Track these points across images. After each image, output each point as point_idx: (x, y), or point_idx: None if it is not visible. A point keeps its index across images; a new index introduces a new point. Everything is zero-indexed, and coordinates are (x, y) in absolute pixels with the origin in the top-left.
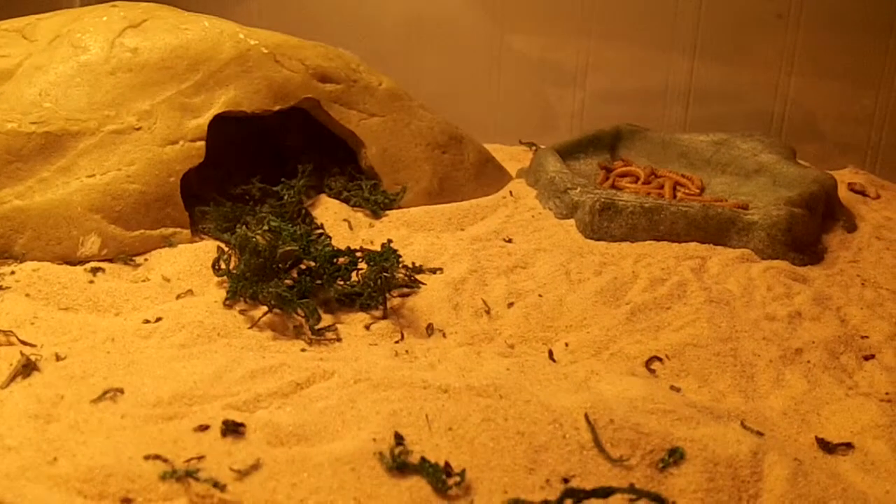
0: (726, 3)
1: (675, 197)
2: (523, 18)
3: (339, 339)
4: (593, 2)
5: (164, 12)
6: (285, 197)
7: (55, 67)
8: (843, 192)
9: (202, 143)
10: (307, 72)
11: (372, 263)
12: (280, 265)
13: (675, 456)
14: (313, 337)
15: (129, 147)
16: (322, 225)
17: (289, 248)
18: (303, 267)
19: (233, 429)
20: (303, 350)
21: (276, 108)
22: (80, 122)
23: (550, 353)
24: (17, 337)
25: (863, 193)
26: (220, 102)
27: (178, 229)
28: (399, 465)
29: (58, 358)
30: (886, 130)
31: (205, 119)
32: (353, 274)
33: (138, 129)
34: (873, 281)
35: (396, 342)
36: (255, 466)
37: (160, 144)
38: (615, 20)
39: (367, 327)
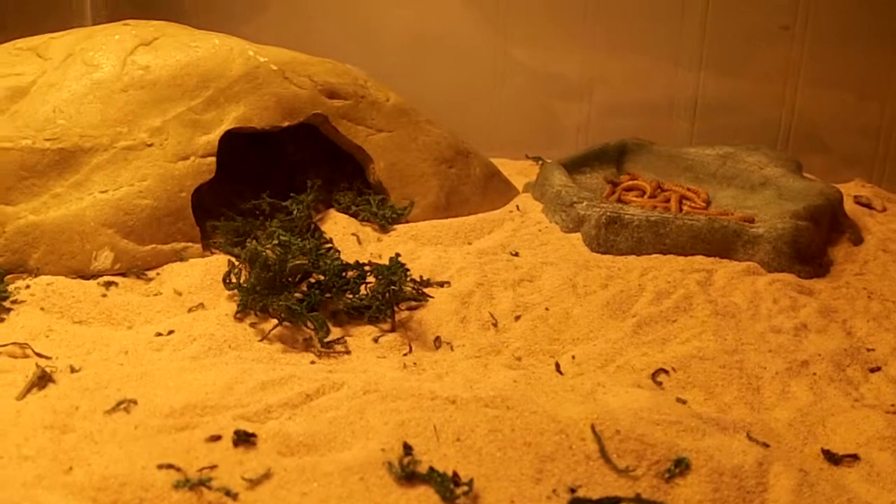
0: (732, 15)
1: (681, 210)
2: (528, 32)
3: (347, 352)
4: (598, 15)
5: (174, 30)
6: (294, 212)
7: (68, 85)
8: (849, 205)
9: (213, 159)
10: (315, 88)
11: (380, 277)
12: (290, 279)
13: (680, 466)
14: (322, 349)
15: (141, 163)
16: (331, 239)
17: (298, 261)
18: (312, 280)
19: (244, 439)
20: (312, 362)
21: (285, 123)
22: (93, 138)
23: (557, 366)
24: (32, 349)
25: (869, 206)
26: (230, 119)
27: (190, 244)
28: (407, 474)
29: (72, 370)
30: (893, 143)
31: (215, 135)
32: (362, 287)
33: (150, 145)
34: (879, 293)
35: (405, 355)
36: (267, 475)
37: (171, 160)
38: (620, 33)
39: (376, 340)
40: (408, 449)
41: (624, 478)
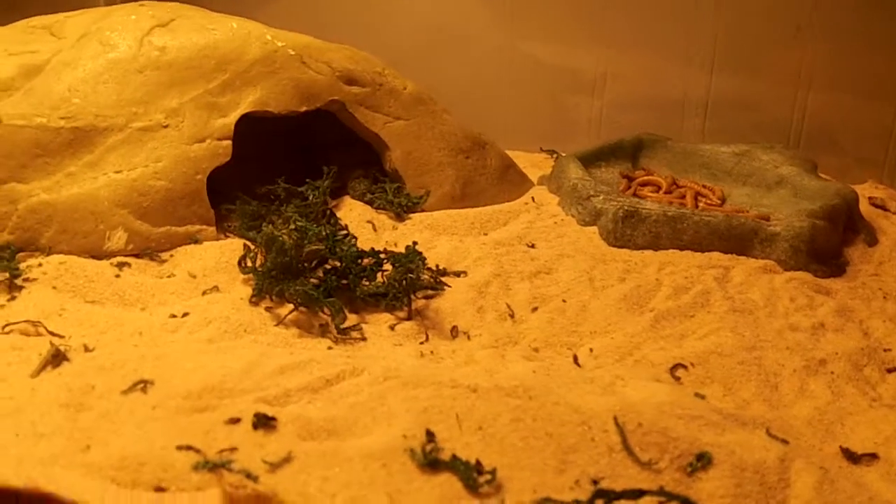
0: (745, 15)
1: (696, 207)
2: (542, 27)
3: (364, 339)
4: (612, 12)
5: (191, 12)
6: (310, 197)
7: (84, 64)
8: (863, 206)
9: (229, 143)
10: (333, 74)
11: (397, 265)
12: (306, 264)
13: (703, 460)
14: (339, 335)
15: (156, 144)
16: (346, 226)
17: (315, 247)
18: (328, 266)
19: (264, 422)
20: (329, 348)
21: (303, 109)
22: (108, 118)
23: (575, 358)
24: (45, 327)
25: (883, 208)
26: (247, 102)
27: (204, 227)
28: (430, 461)
29: (86, 349)
30: None
31: (231, 118)
32: (378, 275)
33: (166, 126)
34: (895, 294)
35: (421, 343)
36: (287, 459)
37: (187, 142)
38: (633, 30)
39: (392, 328)
40: (430, 436)
41: (647, 471)
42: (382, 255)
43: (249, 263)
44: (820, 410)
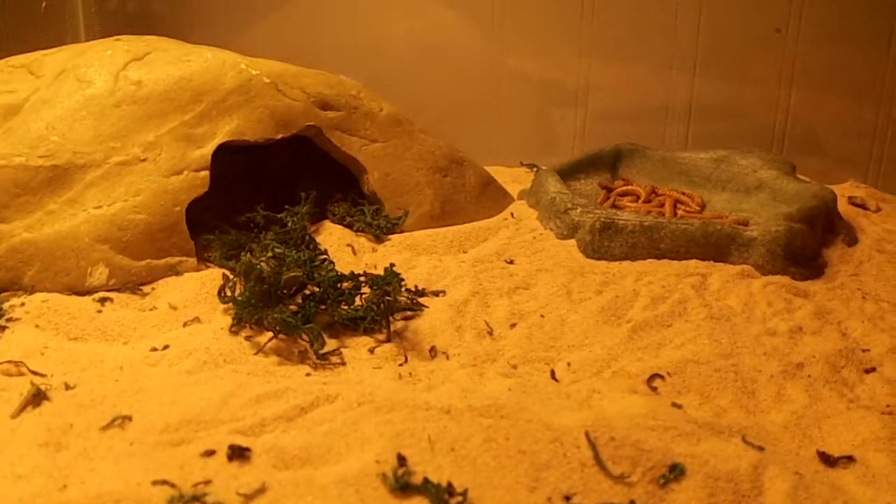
0: (725, 19)
1: (675, 215)
2: (523, 40)
3: (343, 363)
4: (593, 22)
5: (167, 45)
6: (289, 224)
7: (61, 102)
8: (843, 206)
9: (206, 173)
10: (308, 100)
11: (375, 287)
12: (284, 291)
13: (675, 472)
14: (318, 361)
15: (134, 178)
16: (326, 250)
17: (293, 273)
18: (307, 292)
19: (239, 453)
20: (308, 374)
21: (279, 136)
22: (86, 154)
23: (553, 373)
24: (27, 367)
25: (863, 207)
26: (223, 132)
27: (184, 258)
28: (402, 485)
29: (67, 387)
30: (887, 144)
31: (208, 149)
32: (357, 298)
33: (143, 160)
34: (874, 294)
35: (400, 365)
36: (261, 490)
37: (165, 175)
38: (615, 40)
39: (371, 350)
40: (402, 460)
41: (619, 484)
42: (361, 278)
43: (229, 293)
44: (797, 415)
